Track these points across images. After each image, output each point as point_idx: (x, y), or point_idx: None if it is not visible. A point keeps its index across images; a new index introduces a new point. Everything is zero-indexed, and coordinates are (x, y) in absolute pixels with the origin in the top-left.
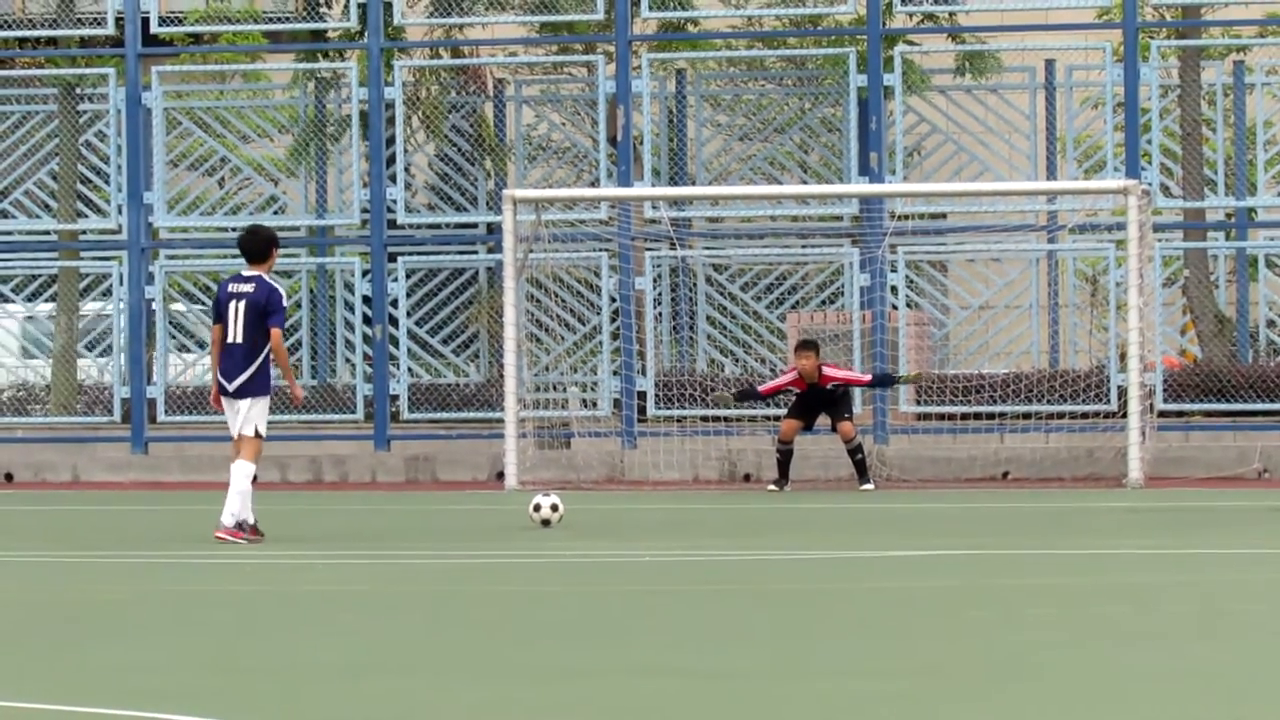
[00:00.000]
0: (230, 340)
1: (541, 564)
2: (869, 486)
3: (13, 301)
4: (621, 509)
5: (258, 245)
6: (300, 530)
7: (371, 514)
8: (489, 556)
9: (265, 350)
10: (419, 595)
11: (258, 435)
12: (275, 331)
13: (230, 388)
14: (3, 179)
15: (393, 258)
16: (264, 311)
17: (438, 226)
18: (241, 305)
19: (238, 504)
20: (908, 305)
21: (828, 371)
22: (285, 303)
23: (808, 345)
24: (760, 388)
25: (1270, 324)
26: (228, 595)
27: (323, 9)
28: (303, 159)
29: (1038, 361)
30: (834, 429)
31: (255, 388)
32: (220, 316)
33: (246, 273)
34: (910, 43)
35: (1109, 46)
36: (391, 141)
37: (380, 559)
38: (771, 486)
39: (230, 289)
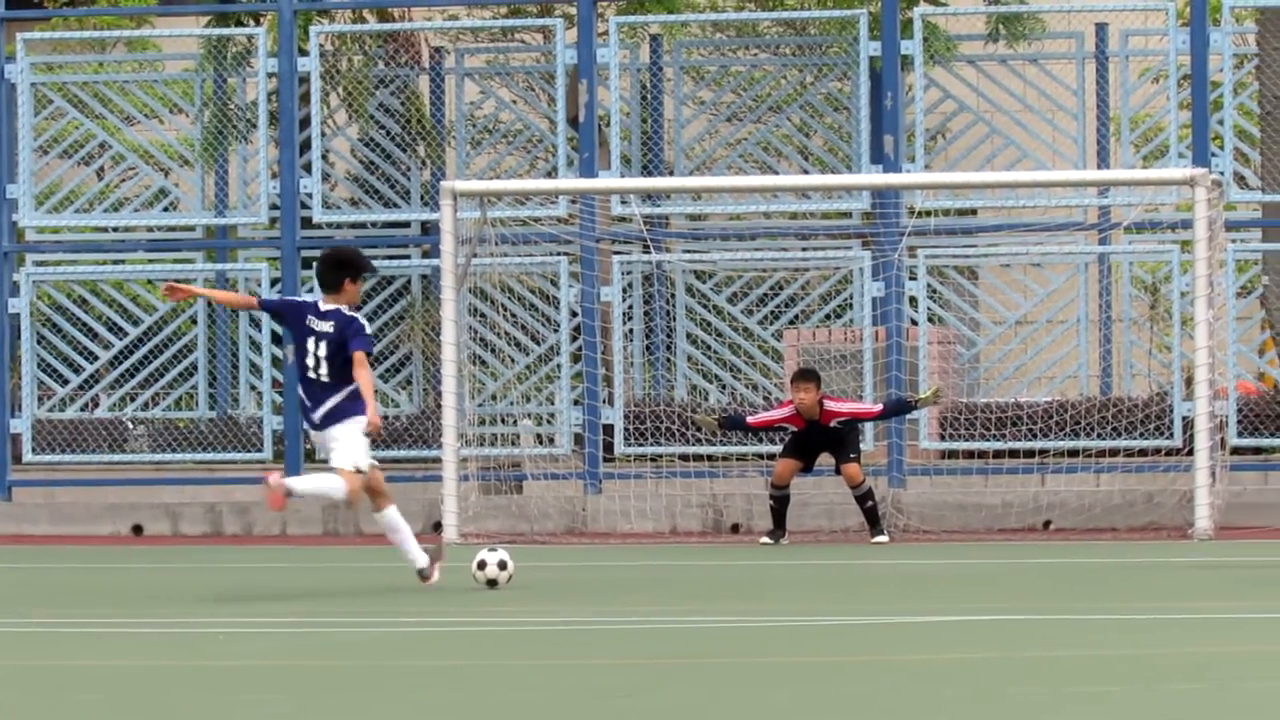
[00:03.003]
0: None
1: (491, 633)
2: (882, 539)
3: None
4: (584, 566)
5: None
6: (197, 592)
7: (282, 573)
8: (426, 624)
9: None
10: (343, 672)
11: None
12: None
13: (316, 417)
14: None
15: (308, 264)
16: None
17: (362, 226)
18: (323, 345)
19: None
20: (929, 320)
21: (831, 406)
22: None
23: (807, 376)
24: (749, 419)
25: None
26: (106, 672)
27: None
28: (214, 148)
29: (1086, 388)
30: (838, 471)
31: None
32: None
33: (324, 307)
34: (934, 2)
35: (1173, 7)
36: (306, 123)
37: (295, 628)
38: (765, 539)
39: (308, 322)
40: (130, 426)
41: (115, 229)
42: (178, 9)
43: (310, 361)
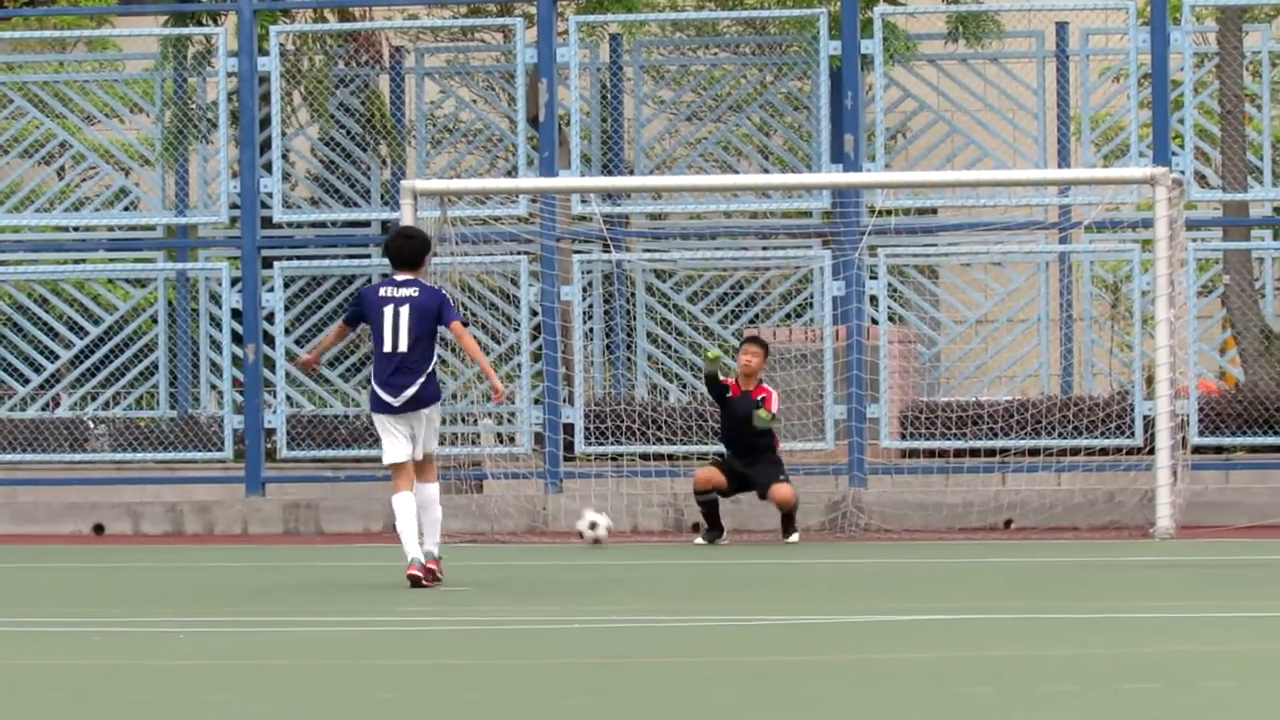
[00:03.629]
0: (390, 350)
1: (451, 632)
2: (794, 538)
3: None
4: (545, 565)
5: (414, 250)
6: (158, 591)
7: (243, 572)
8: (386, 624)
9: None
10: (304, 671)
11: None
12: (458, 325)
13: (397, 403)
14: None
15: (268, 263)
16: (435, 314)
17: (323, 225)
18: (405, 309)
19: (439, 533)
20: (890, 319)
21: (765, 385)
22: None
23: (757, 341)
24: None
25: None
26: (67, 671)
27: None
28: (175, 148)
29: (1047, 387)
30: (763, 496)
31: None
32: (370, 323)
33: (400, 277)
34: (894, 2)
35: (1133, 6)
36: (266, 123)
37: (255, 627)
38: (700, 540)
39: (383, 293)
40: (91, 426)
41: (76, 228)
42: (137, 9)
43: (389, 333)
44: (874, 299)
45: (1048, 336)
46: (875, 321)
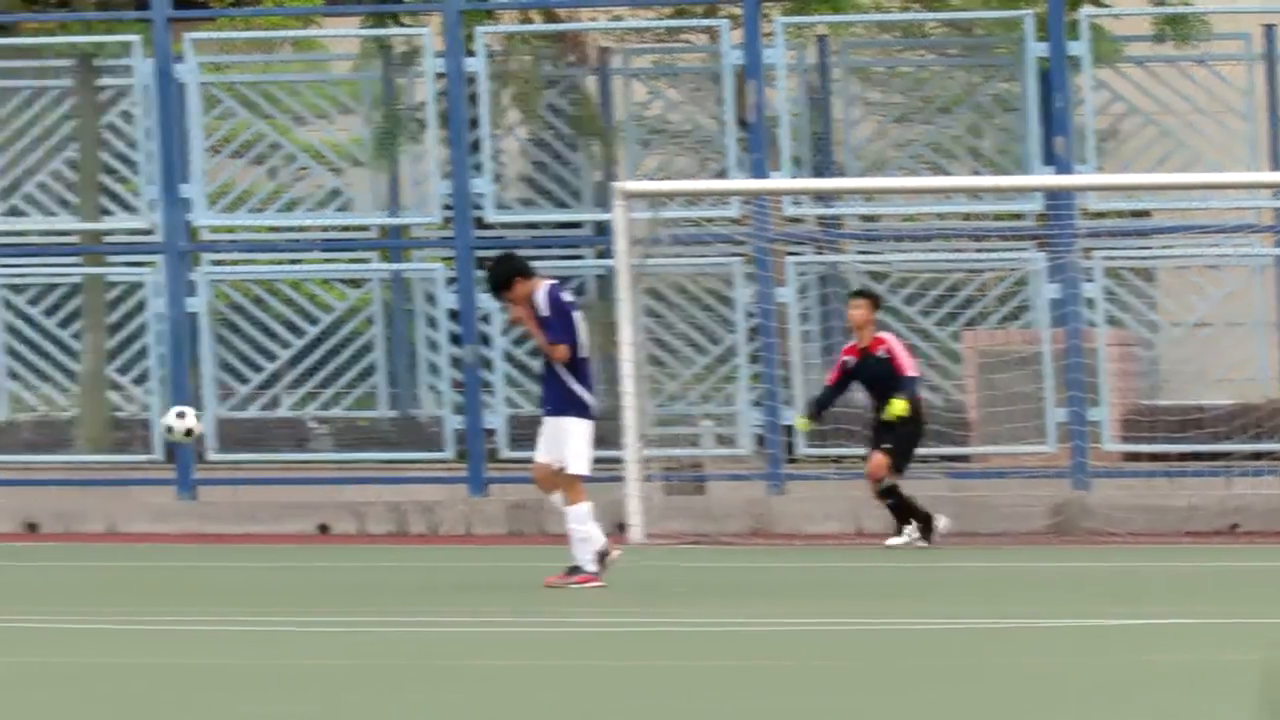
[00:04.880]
0: (584, 355)
1: (657, 634)
2: (898, 541)
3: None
4: (767, 567)
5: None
6: (383, 591)
7: (466, 571)
8: (600, 625)
9: None
10: (523, 671)
11: None
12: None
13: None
14: (12, 169)
15: (482, 263)
16: None
17: (535, 226)
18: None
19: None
20: (1108, 322)
21: (882, 334)
22: None
23: (861, 293)
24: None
25: None
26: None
27: None
28: (385, 149)
29: (1268, 390)
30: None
31: None
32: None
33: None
34: (1099, 3)
35: None
36: (476, 124)
37: (471, 625)
38: (916, 539)
39: (569, 297)
40: (313, 426)
41: (288, 228)
42: (343, 9)
43: (580, 338)
44: (1091, 301)
45: (1265, 340)
46: (1092, 324)
